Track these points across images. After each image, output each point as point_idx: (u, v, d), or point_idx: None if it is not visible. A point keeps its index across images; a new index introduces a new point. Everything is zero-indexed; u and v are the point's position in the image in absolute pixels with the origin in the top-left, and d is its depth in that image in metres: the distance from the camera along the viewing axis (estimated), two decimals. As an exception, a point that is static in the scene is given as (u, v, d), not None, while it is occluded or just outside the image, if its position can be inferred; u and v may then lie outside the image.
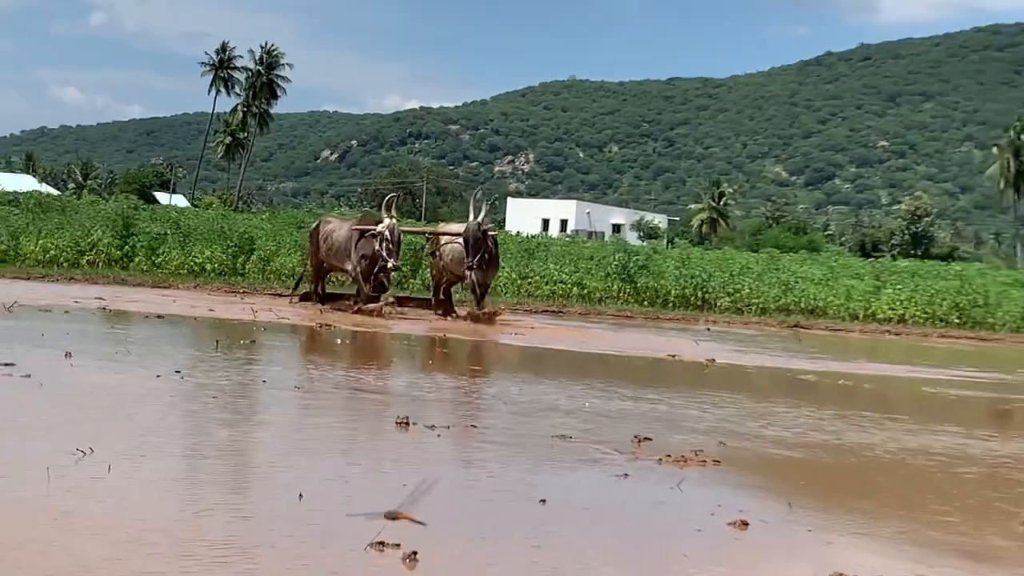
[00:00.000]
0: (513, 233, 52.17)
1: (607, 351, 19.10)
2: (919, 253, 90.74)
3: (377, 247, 20.80)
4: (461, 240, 22.21)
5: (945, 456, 9.72)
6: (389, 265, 21.01)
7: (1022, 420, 13.91)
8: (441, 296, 23.73)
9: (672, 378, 15.49)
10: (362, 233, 21.35)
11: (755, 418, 11.50)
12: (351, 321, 20.32)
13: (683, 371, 16.40)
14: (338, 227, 22.34)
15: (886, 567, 5.75)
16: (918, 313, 36.77)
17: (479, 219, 22.28)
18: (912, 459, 9.45)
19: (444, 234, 23.51)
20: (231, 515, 6.04)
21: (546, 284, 33.88)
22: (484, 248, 21.94)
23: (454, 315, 22.68)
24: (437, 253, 23.15)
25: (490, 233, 22.94)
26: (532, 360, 17.41)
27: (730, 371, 16.78)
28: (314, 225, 23.40)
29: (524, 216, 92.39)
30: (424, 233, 23.20)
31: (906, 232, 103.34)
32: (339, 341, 17.07)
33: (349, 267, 21.77)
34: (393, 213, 21.55)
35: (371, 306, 21.09)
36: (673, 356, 18.42)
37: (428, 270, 26.09)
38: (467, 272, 21.90)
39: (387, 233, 20.74)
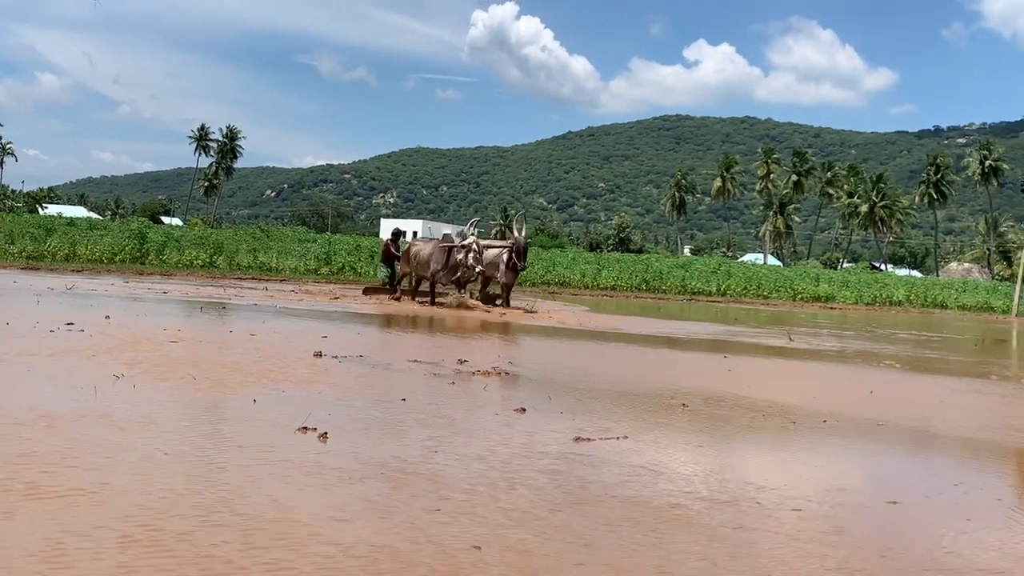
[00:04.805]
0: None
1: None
2: (623, 249, 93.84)
3: (462, 256, 18.42)
4: (494, 250, 19.74)
5: (646, 372, 10.02)
6: (477, 270, 18.60)
7: (684, 343, 14.41)
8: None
9: (478, 328, 15.57)
10: (448, 250, 18.67)
11: (528, 350, 11.67)
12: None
13: (487, 323, 16.48)
14: (423, 247, 19.65)
15: (608, 431, 5.91)
16: (623, 284, 38.16)
17: (524, 234, 20.07)
18: (626, 370, 9.72)
19: (486, 246, 19.83)
20: (213, 416, 5.88)
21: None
22: (525, 256, 19.65)
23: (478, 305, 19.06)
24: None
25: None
26: (402, 320, 17.30)
27: (511, 323, 16.96)
28: (405, 248, 20.39)
29: (390, 229, 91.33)
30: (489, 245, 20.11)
31: (616, 237, 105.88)
32: (277, 307, 16.66)
33: (429, 274, 19.08)
34: (474, 232, 19.38)
35: (451, 299, 19.25)
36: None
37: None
38: (507, 273, 19.40)
39: (474, 246, 18.53)
